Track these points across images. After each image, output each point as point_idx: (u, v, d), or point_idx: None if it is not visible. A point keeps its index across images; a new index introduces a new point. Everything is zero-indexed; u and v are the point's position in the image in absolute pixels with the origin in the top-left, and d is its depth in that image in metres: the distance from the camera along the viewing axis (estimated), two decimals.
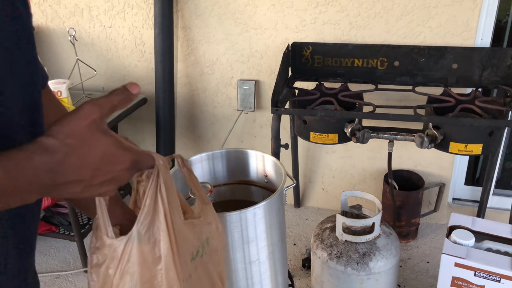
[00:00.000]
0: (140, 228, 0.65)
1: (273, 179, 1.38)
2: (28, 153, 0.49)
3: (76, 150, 0.51)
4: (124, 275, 0.66)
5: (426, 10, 1.99)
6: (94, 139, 0.52)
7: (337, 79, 2.12)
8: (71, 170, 0.51)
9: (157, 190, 0.65)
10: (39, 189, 0.51)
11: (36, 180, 0.49)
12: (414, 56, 2.02)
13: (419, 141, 1.78)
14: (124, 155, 0.56)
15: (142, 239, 0.65)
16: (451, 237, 1.43)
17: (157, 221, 0.65)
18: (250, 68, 2.34)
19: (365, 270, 1.56)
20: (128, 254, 0.66)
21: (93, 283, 0.69)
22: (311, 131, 1.90)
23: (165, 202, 0.65)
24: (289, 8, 2.16)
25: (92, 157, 0.52)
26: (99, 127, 0.53)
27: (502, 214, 2.26)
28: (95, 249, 0.70)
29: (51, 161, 0.50)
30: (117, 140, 0.55)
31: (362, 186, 2.46)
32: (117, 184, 0.57)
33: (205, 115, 2.53)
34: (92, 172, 0.53)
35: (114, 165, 0.55)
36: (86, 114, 0.52)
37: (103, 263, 0.68)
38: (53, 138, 0.50)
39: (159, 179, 0.64)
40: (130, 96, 0.57)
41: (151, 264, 0.66)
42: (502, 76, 1.95)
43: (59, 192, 0.53)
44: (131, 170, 0.57)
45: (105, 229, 0.68)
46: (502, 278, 1.30)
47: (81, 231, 2.11)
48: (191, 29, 2.34)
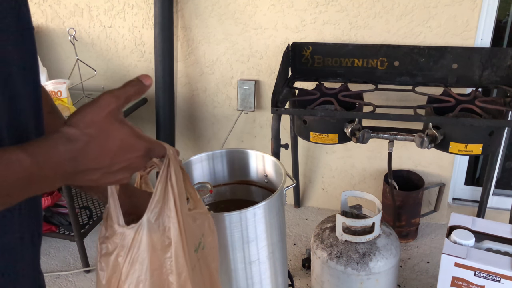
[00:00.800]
0: (151, 216, 0.67)
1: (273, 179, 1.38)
2: (53, 142, 0.52)
3: (95, 139, 0.54)
4: (134, 262, 0.67)
5: (426, 10, 1.99)
6: (112, 128, 0.56)
7: (337, 79, 2.12)
8: (91, 158, 0.54)
9: (168, 178, 0.66)
10: (63, 176, 0.53)
11: (60, 168, 0.52)
12: (414, 56, 2.02)
13: (419, 141, 1.78)
14: (139, 143, 0.59)
15: (152, 227, 0.67)
16: (451, 237, 1.43)
17: (167, 209, 0.67)
18: (250, 68, 2.34)
19: (365, 270, 1.56)
20: (139, 242, 0.67)
21: (102, 272, 0.70)
22: (311, 131, 1.90)
23: (175, 190, 0.66)
24: (289, 8, 2.16)
25: (111, 145, 0.56)
26: (116, 117, 0.56)
27: (502, 214, 2.26)
28: (105, 238, 0.71)
29: (73, 150, 0.53)
30: (133, 129, 0.58)
31: (362, 186, 2.46)
32: (132, 171, 0.60)
33: (205, 115, 2.53)
34: (110, 160, 0.56)
35: (130, 153, 0.58)
36: (104, 105, 0.55)
37: (113, 252, 0.69)
38: (74, 128, 0.53)
39: (169, 168, 0.66)
40: (143, 87, 0.60)
41: (160, 252, 0.67)
42: (502, 76, 1.95)
43: (79, 179, 0.55)
44: (145, 157, 0.61)
45: (116, 217, 0.70)
46: (502, 278, 1.30)
47: (81, 231, 2.11)
48: (191, 29, 2.34)
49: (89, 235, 2.18)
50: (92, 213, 2.28)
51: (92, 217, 2.25)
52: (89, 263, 2.20)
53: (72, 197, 2.02)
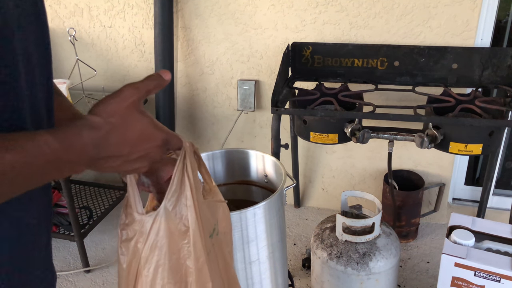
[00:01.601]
0: (168, 204, 0.71)
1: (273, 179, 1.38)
2: (79, 128, 0.55)
3: (117, 128, 0.58)
4: (154, 248, 0.71)
5: (426, 10, 1.99)
6: (132, 118, 0.59)
7: (337, 79, 2.12)
8: (113, 145, 0.58)
9: (184, 169, 0.70)
10: (86, 161, 0.56)
11: (84, 153, 0.55)
12: (414, 56, 2.02)
13: (419, 141, 1.78)
14: (157, 134, 0.63)
15: (170, 215, 0.71)
16: (451, 237, 1.43)
17: (183, 198, 0.71)
18: (250, 68, 2.34)
19: (365, 270, 1.56)
20: (157, 229, 0.71)
21: (123, 257, 0.75)
22: (311, 131, 1.90)
23: (191, 181, 0.70)
24: (289, 8, 2.16)
25: (131, 134, 0.59)
26: (137, 108, 0.60)
27: (502, 214, 2.26)
28: (125, 225, 0.75)
29: (97, 137, 0.56)
30: (152, 120, 0.62)
31: (362, 186, 2.46)
32: (149, 160, 0.63)
33: (205, 115, 2.53)
34: (130, 148, 0.59)
35: (148, 142, 0.61)
36: (126, 96, 0.59)
37: (133, 238, 0.73)
38: (98, 116, 0.57)
39: (185, 160, 0.70)
40: (163, 82, 0.64)
41: (178, 238, 0.72)
42: (502, 76, 1.95)
43: (101, 165, 0.58)
44: (162, 148, 0.64)
45: (135, 206, 0.74)
46: (502, 278, 1.30)
47: (81, 231, 2.11)
48: (191, 29, 2.34)
49: (89, 235, 2.18)
50: (92, 213, 2.28)
51: (92, 217, 2.25)
52: (89, 263, 2.20)
53: (72, 197, 2.02)
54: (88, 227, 2.18)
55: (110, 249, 2.33)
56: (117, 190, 2.48)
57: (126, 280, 0.75)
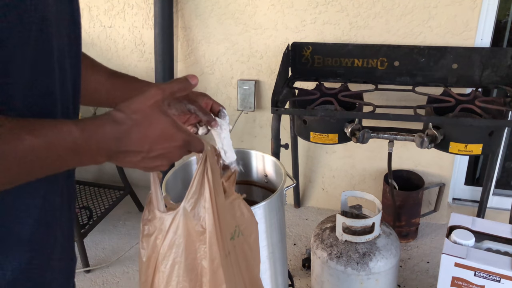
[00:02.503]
0: (187, 205, 0.73)
1: (273, 179, 1.38)
2: (102, 121, 0.58)
3: (139, 125, 0.60)
4: (172, 246, 0.74)
5: (426, 10, 1.99)
6: (155, 117, 0.61)
7: (337, 79, 2.12)
8: (133, 140, 0.60)
9: (204, 172, 0.72)
10: (106, 153, 0.59)
11: (105, 144, 0.58)
12: (414, 56, 2.02)
13: (419, 141, 1.78)
14: (178, 134, 0.64)
15: (188, 215, 0.73)
16: (451, 237, 1.43)
17: (203, 200, 0.73)
18: (250, 68, 2.34)
19: (365, 270, 1.56)
20: (176, 227, 0.73)
21: (144, 251, 0.78)
22: (311, 131, 1.89)
23: (211, 183, 0.72)
24: (289, 8, 2.16)
25: (152, 132, 0.61)
26: (160, 108, 0.62)
27: (502, 214, 2.26)
28: (147, 221, 0.78)
29: (118, 131, 0.58)
30: (174, 121, 0.64)
31: (362, 186, 2.46)
32: (169, 160, 0.65)
33: None
34: (149, 145, 0.61)
35: (169, 142, 0.63)
36: (150, 96, 0.62)
37: (153, 234, 0.76)
38: (121, 112, 0.59)
39: (206, 163, 0.72)
40: (189, 86, 0.67)
41: (195, 238, 0.74)
42: (502, 76, 1.95)
43: (121, 159, 0.61)
44: (182, 149, 0.66)
45: (157, 203, 0.76)
46: (502, 278, 1.30)
47: (81, 231, 2.11)
48: (191, 29, 2.34)
49: (89, 235, 2.18)
50: (92, 213, 2.28)
51: (92, 217, 2.25)
52: (89, 263, 2.20)
53: None
54: (88, 227, 2.17)
55: (110, 249, 2.33)
56: (117, 190, 2.48)
57: (145, 273, 0.78)
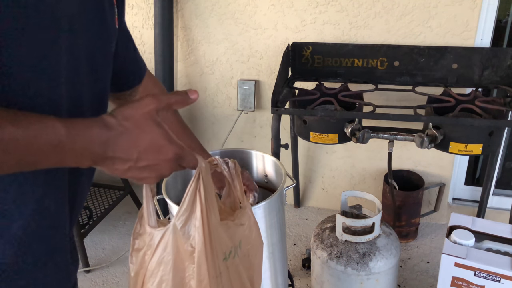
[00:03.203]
0: (177, 222, 0.71)
1: (273, 179, 1.38)
2: (91, 123, 0.57)
3: (129, 132, 0.59)
4: (160, 263, 0.72)
5: (426, 10, 1.99)
6: (146, 126, 0.60)
7: (337, 79, 2.12)
8: (121, 147, 0.58)
9: (197, 190, 0.70)
10: (91, 156, 0.57)
11: (90, 147, 0.57)
12: (414, 56, 2.02)
13: (419, 141, 1.78)
14: (169, 147, 0.62)
15: (178, 233, 0.71)
16: (451, 237, 1.43)
17: (193, 219, 0.71)
18: (250, 68, 2.34)
19: (365, 270, 1.56)
20: (165, 244, 0.72)
21: (132, 265, 0.76)
22: (311, 131, 1.90)
23: (203, 202, 0.70)
24: (289, 8, 2.16)
25: (141, 141, 0.59)
26: (153, 117, 0.61)
27: (502, 214, 2.26)
28: (138, 235, 0.76)
29: (106, 135, 0.57)
30: (166, 132, 0.62)
31: (362, 186, 2.46)
32: (157, 173, 0.63)
33: (205, 115, 2.53)
34: (138, 155, 0.60)
35: (158, 154, 0.61)
36: (144, 104, 0.60)
37: (142, 249, 0.75)
38: (113, 117, 0.58)
39: (199, 181, 0.70)
40: (188, 100, 0.66)
41: (184, 257, 0.72)
42: (502, 76, 1.95)
43: (107, 165, 0.60)
44: (173, 163, 0.63)
45: (148, 218, 0.75)
46: (502, 278, 1.30)
47: (81, 231, 2.11)
48: (191, 29, 2.34)
49: (89, 235, 2.18)
50: (92, 213, 2.28)
51: (92, 217, 2.25)
52: (89, 263, 2.20)
53: None
54: (88, 227, 2.17)
55: (110, 249, 2.33)
56: (117, 190, 2.48)
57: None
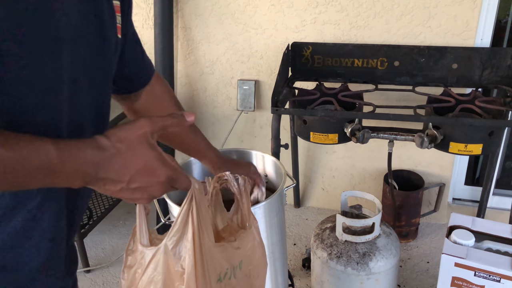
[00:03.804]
0: (169, 242, 0.71)
1: (273, 179, 1.38)
2: (82, 145, 0.57)
3: (122, 154, 0.59)
4: (150, 282, 0.72)
5: (426, 10, 1.99)
6: (140, 148, 0.60)
7: (337, 79, 2.12)
8: (113, 169, 0.58)
9: (189, 211, 0.70)
10: (83, 177, 0.57)
11: (82, 168, 0.57)
12: (414, 56, 2.02)
13: (419, 141, 1.78)
14: (162, 170, 0.62)
15: (169, 253, 0.71)
16: (451, 237, 1.43)
17: (185, 240, 0.71)
18: (250, 68, 2.34)
19: (365, 270, 1.56)
20: (156, 264, 0.72)
21: (124, 281, 0.76)
22: (311, 131, 1.90)
23: (195, 223, 0.70)
24: (289, 8, 2.16)
25: (134, 164, 0.60)
26: (147, 140, 0.61)
27: (502, 214, 2.26)
28: (131, 251, 0.77)
29: (99, 156, 0.57)
30: (160, 155, 0.62)
31: (362, 186, 2.46)
32: (149, 194, 0.63)
33: (205, 115, 2.53)
34: (130, 177, 0.60)
35: (151, 176, 0.61)
36: (139, 127, 0.60)
37: (133, 266, 0.75)
38: (106, 138, 0.59)
39: (192, 202, 0.70)
40: (184, 122, 0.65)
41: (174, 277, 0.71)
42: (502, 76, 1.95)
43: (99, 186, 0.60)
44: (165, 185, 0.63)
45: (140, 236, 0.75)
46: (502, 278, 1.30)
47: (81, 231, 2.11)
48: (191, 29, 2.34)
49: (89, 235, 2.18)
50: (92, 213, 2.28)
51: (92, 217, 2.25)
52: (89, 263, 2.20)
53: None
54: (88, 227, 2.17)
55: (110, 249, 2.33)
56: None
57: None
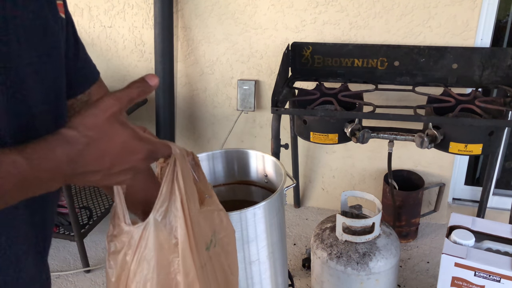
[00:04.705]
0: (157, 215, 0.67)
1: (273, 179, 1.38)
2: (50, 144, 0.52)
3: (95, 142, 0.54)
4: (142, 261, 0.68)
5: (426, 10, 1.99)
6: (113, 131, 0.55)
7: (337, 79, 2.12)
8: (91, 160, 0.54)
9: (174, 178, 0.66)
10: (60, 178, 0.53)
11: (58, 170, 0.52)
12: (414, 56, 2.02)
13: (419, 141, 1.78)
14: (140, 146, 0.58)
15: (159, 226, 0.67)
16: (451, 237, 1.43)
17: (174, 208, 0.67)
18: (250, 68, 2.34)
19: (365, 270, 1.56)
20: (146, 241, 0.67)
21: (111, 270, 0.71)
22: (311, 131, 1.89)
23: (182, 189, 0.66)
24: (289, 8, 2.16)
25: (111, 149, 0.55)
26: (118, 120, 0.56)
27: (502, 214, 2.26)
28: (113, 237, 0.71)
29: (72, 152, 0.52)
30: (134, 131, 0.58)
31: (362, 186, 2.46)
32: (134, 173, 0.60)
33: (205, 115, 2.53)
34: (110, 162, 0.56)
35: (131, 155, 0.57)
36: (105, 108, 0.55)
37: (121, 250, 0.69)
38: (74, 130, 0.53)
39: (176, 168, 0.66)
40: (149, 88, 0.58)
41: (167, 251, 0.68)
42: (502, 76, 1.95)
43: (79, 181, 0.56)
44: (147, 159, 0.60)
45: (123, 216, 0.70)
46: (502, 278, 1.30)
47: (81, 231, 2.11)
48: (191, 29, 2.34)
49: (89, 235, 2.18)
50: (92, 213, 2.28)
51: (92, 217, 2.25)
52: (89, 263, 2.20)
53: (72, 197, 2.02)
54: (88, 227, 2.18)
55: None
56: None
57: None
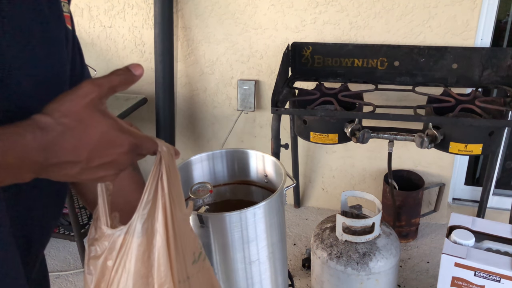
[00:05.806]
0: (139, 218, 0.61)
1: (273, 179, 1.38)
2: (21, 129, 0.48)
3: (71, 130, 0.50)
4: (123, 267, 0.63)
5: (426, 10, 1.99)
6: (91, 119, 0.51)
7: (337, 79, 2.12)
8: (66, 150, 0.50)
9: (158, 178, 0.60)
10: (32, 167, 0.49)
11: (27, 157, 0.48)
12: (414, 56, 2.02)
13: (419, 141, 1.78)
14: (122, 138, 0.53)
15: (141, 230, 0.61)
16: (451, 237, 1.43)
17: (156, 212, 0.61)
18: (250, 68, 2.34)
19: (365, 270, 1.56)
20: (127, 245, 0.62)
21: (90, 276, 0.65)
22: (311, 131, 1.90)
23: (165, 191, 0.60)
24: (289, 8, 2.16)
25: (89, 138, 0.51)
26: (98, 107, 0.52)
27: (502, 214, 2.26)
28: (94, 240, 0.66)
29: (44, 139, 0.48)
30: (116, 122, 0.53)
31: (362, 186, 2.46)
32: (116, 168, 0.55)
33: (205, 115, 2.53)
34: (88, 154, 0.51)
35: (112, 148, 0.53)
36: (84, 93, 0.51)
37: (102, 255, 0.64)
38: (48, 116, 0.49)
39: (161, 167, 0.60)
40: (132, 77, 0.55)
41: (147, 259, 0.62)
42: (502, 76, 1.95)
43: (54, 173, 0.51)
44: (130, 154, 0.55)
45: (105, 219, 0.65)
46: (502, 278, 1.30)
47: (81, 231, 2.11)
48: (191, 29, 2.34)
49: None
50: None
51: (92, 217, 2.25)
52: None
53: (72, 197, 2.02)
54: (88, 227, 2.18)
55: None
56: None
57: None
